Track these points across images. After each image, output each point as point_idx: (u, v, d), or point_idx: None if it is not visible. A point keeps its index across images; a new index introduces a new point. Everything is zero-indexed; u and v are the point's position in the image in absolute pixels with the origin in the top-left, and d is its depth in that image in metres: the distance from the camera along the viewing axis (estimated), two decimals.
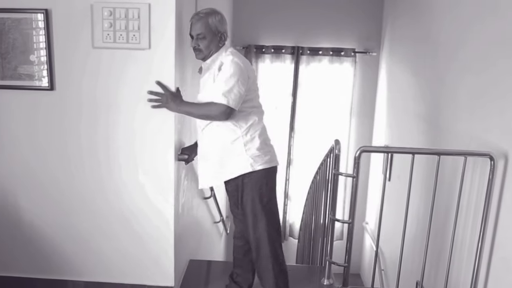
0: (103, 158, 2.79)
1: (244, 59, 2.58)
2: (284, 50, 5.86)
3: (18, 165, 2.84)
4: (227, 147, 2.57)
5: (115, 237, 2.89)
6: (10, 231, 2.93)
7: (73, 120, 2.75)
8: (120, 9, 2.60)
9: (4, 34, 2.67)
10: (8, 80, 2.72)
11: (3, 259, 2.98)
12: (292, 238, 6.37)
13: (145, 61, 2.65)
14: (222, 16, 2.58)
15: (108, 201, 2.84)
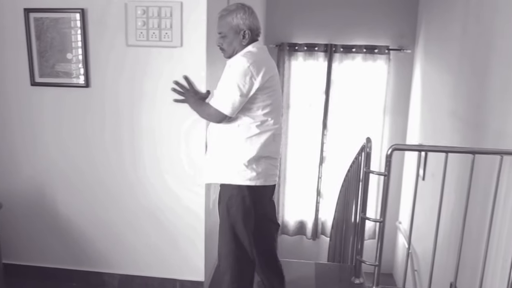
0: (135, 155, 2.85)
1: (259, 62, 2.27)
2: (317, 47, 5.82)
3: (55, 160, 2.93)
4: (225, 149, 2.38)
5: (144, 232, 2.95)
6: (48, 223, 3.03)
7: (107, 116, 2.82)
8: (153, 8, 2.65)
9: (42, 33, 2.75)
10: (46, 78, 2.81)
11: (42, 251, 3.08)
12: (324, 236, 6.33)
13: (177, 59, 2.69)
14: (247, 12, 2.34)
15: (137, 196, 2.91)
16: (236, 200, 2.33)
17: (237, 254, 2.38)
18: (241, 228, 2.35)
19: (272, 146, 2.37)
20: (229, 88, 2.26)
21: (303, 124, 6.10)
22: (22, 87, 2.84)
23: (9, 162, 2.98)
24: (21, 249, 3.10)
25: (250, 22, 2.33)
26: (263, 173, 2.34)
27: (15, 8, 2.73)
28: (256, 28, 2.38)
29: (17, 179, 2.99)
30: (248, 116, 2.31)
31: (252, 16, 2.34)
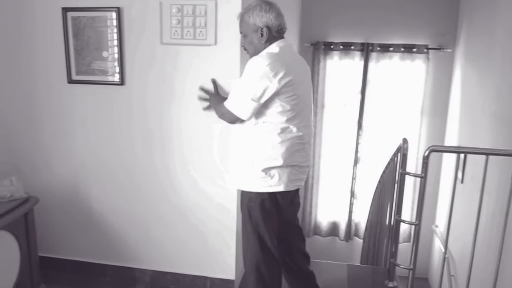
0: (165, 153, 2.87)
1: (278, 63, 2.11)
2: (353, 46, 5.73)
3: (90, 157, 2.98)
4: (246, 156, 2.27)
5: (175, 229, 2.97)
6: (82, 219, 3.08)
7: (141, 114, 2.85)
8: (188, 6, 2.65)
9: (80, 32, 2.80)
10: (82, 75, 2.85)
11: (76, 245, 3.15)
12: (357, 238, 6.24)
13: (211, 57, 2.69)
14: (263, 9, 2.19)
15: (167, 194, 2.93)
16: (255, 203, 2.25)
17: (261, 256, 2.31)
18: (263, 229, 2.28)
19: (297, 156, 2.24)
20: (242, 90, 2.17)
21: (337, 124, 6.02)
22: (59, 85, 2.90)
23: (46, 158, 3.05)
24: (56, 243, 3.17)
25: (268, 19, 2.19)
26: (284, 180, 2.23)
27: (54, 7, 2.79)
28: (276, 24, 2.21)
29: (54, 175, 3.06)
30: (268, 122, 2.18)
31: (270, 12, 2.19)
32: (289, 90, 2.13)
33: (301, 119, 2.21)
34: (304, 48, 5.82)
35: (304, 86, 2.26)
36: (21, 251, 2.65)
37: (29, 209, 2.66)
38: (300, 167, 2.28)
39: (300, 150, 2.25)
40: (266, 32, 2.20)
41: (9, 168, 3.03)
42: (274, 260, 2.34)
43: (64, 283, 3.05)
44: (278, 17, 2.22)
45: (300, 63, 2.31)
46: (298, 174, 2.28)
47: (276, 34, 2.24)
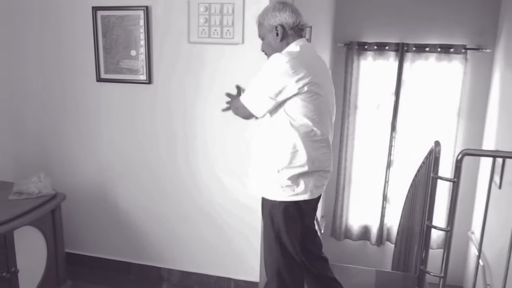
0: (191, 152, 2.86)
1: (299, 62, 2.02)
2: (388, 47, 5.61)
3: (117, 155, 3.00)
4: (268, 160, 2.17)
5: (200, 230, 2.96)
6: (108, 217, 3.11)
7: (167, 113, 2.84)
8: (216, 5, 2.63)
9: (109, 31, 2.82)
10: (111, 74, 2.88)
11: (102, 242, 3.18)
12: (389, 242, 6.10)
13: (238, 56, 2.66)
14: (277, 8, 2.14)
15: (192, 195, 2.92)
16: (278, 209, 2.17)
17: (283, 262, 2.23)
18: (285, 236, 2.19)
19: (322, 160, 2.15)
20: (259, 86, 2.08)
21: (370, 125, 5.91)
22: (88, 83, 2.93)
23: (74, 156, 3.09)
24: (83, 240, 3.21)
25: (281, 18, 2.12)
26: (309, 188, 2.13)
27: (84, 7, 2.82)
28: (291, 22, 2.13)
29: (81, 172, 3.10)
30: (291, 125, 2.06)
31: (283, 11, 2.13)
32: (310, 91, 2.03)
33: (324, 121, 2.14)
34: (337, 48, 5.74)
35: (326, 87, 2.18)
36: (48, 247, 2.69)
37: (56, 205, 2.69)
38: (324, 172, 2.20)
39: (325, 154, 2.17)
40: (281, 31, 2.13)
41: (38, 165, 3.08)
42: (296, 266, 2.27)
43: (89, 279, 3.08)
44: (292, 15, 2.15)
45: (321, 64, 2.22)
46: (322, 179, 2.20)
47: (292, 32, 2.16)
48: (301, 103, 2.04)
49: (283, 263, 2.22)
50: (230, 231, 2.87)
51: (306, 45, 2.17)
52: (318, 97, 2.07)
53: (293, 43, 2.14)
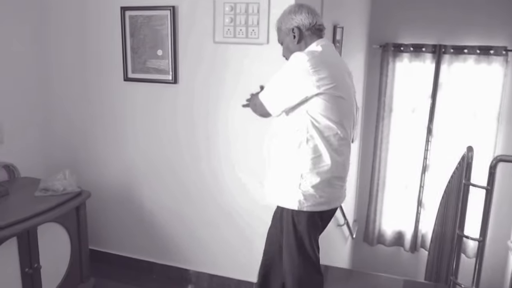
0: (213, 153, 2.84)
1: (320, 61, 1.95)
2: (425, 48, 5.45)
3: (142, 154, 3.01)
4: (287, 165, 2.09)
5: (221, 232, 2.93)
6: (132, 216, 3.13)
7: (191, 113, 2.83)
8: (241, 4, 2.60)
9: (136, 30, 2.83)
10: (138, 73, 2.89)
11: (126, 241, 3.21)
12: (423, 249, 5.93)
13: (262, 56, 2.62)
14: (293, 11, 2.11)
15: (214, 196, 2.90)
16: (303, 217, 2.07)
17: (304, 271, 2.16)
18: (308, 244, 2.11)
19: (341, 165, 2.06)
20: (278, 83, 2.04)
21: (405, 129, 5.75)
22: (116, 82, 2.95)
23: (100, 154, 3.13)
24: (107, 237, 3.24)
25: (298, 20, 2.08)
26: (328, 198, 2.05)
27: (113, 7, 2.84)
28: (307, 23, 2.08)
29: (107, 171, 3.13)
30: (314, 127, 1.98)
31: (299, 13, 2.09)
32: (332, 92, 1.95)
33: (346, 124, 2.06)
34: (372, 50, 5.62)
35: (348, 89, 2.10)
36: (71, 243, 2.72)
37: (81, 203, 2.71)
38: (342, 178, 2.11)
39: (343, 158, 2.07)
40: (297, 32, 2.09)
41: (67, 163, 3.13)
42: (316, 274, 2.21)
43: (113, 277, 3.11)
44: (308, 15, 2.09)
45: (342, 65, 2.15)
46: (340, 189, 2.12)
47: (309, 33, 2.10)
48: (324, 104, 1.96)
49: (305, 271, 2.16)
50: (251, 234, 2.83)
51: (327, 45, 2.11)
52: (340, 99, 1.99)
53: (313, 43, 2.09)
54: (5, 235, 2.27)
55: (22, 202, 2.56)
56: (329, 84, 1.94)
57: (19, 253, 2.39)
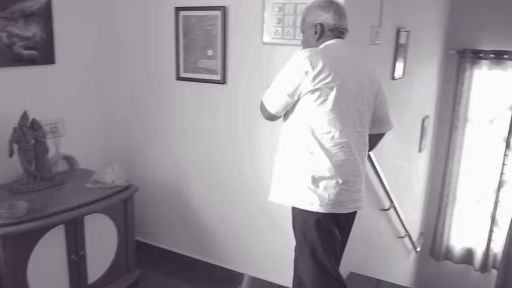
0: (256, 155, 2.82)
1: (319, 57, 1.92)
2: (507, 55, 5.07)
3: (191, 152, 3.07)
4: (288, 165, 2.08)
5: (265, 236, 2.91)
6: (181, 213, 3.19)
7: (238, 114, 2.84)
8: (289, 5, 2.57)
9: (189, 31, 2.89)
10: (189, 73, 2.95)
11: (172, 236, 3.29)
12: (495, 270, 5.54)
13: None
14: (320, 7, 2.06)
15: (258, 199, 2.86)
16: (310, 223, 2.01)
17: (320, 281, 2.08)
18: (320, 252, 2.03)
19: (342, 167, 1.97)
20: (277, 82, 2.03)
21: (482, 140, 5.40)
22: (169, 81, 3.04)
23: (152, 150, 3.23)
24: (154, 231, 3.35)
25: (323, 17, 2.05)
26: (331, 199, 1.96)
27: (168, 7, 2.92)
28: (331, 24, 2.05)
29: (157, 166, 3.23)
30: (307, 124, 1.97)
31: (327, 11, 2.05)
32: (327, 89, 1.92)
33: (345, 124, 1.97)
34: (449, 56, 5.32)
35: (352, 89, 2.00)
36: (118, 235, 2.82)
37: (129, 196, 2.81)
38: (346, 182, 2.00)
39: (346, 161, 1.98)
40: (320, 30, 2.07)
41: (122, 157, 3.28)
42: (335, 283, 2.10)
43: (158, 270, 3.19)
44: (335, 16, 2.05)
45: (350, 63, 2.06)
46: (346, 195, 2.00)
47: (330, 33, 2.07)
48: (316, 101, 1.93)
49: (321, 282, 2.07)
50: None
51: (335, 44, 2.07)
52: (338, 97, 1.93)
53: (324, 42, 2.07)
54: (53, 221, 2.41)
55: (73, 192, 2.70)
56: (324, 80, 1.90)
57: (66, 240, 2.53)
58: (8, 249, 2.26)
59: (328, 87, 1.92)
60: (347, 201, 2.02)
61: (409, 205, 4.85)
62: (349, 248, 3.09)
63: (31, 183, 2.64)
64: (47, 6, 2.79)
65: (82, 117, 3.14)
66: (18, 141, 2.56)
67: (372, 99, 2.13)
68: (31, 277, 2.39)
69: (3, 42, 2.62)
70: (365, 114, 2.08)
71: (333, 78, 1.92)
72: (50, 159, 2.85)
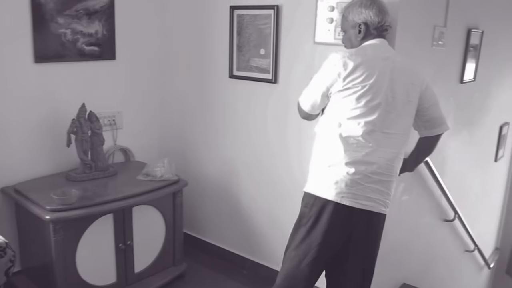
0: (305, 157, 2.71)
1: (352, 57, 1.94)
2: None
3: (241, 150, 3.08)
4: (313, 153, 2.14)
5: None
6: (230, 209, 3.22)
7: (288, 113, 2.79)
8: (342, 4, 2.48)
9: (243, 29, 2.90)
10: (241, 71, 2.96)
11: (219, 231, 3.33)
12: None
13: None
14: (363, 5, 2.03)
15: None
16: (310, 208, 2.04)
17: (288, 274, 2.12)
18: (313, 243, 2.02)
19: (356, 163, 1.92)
20: (312, 83, 2.08)
21: None
22: (222, 79, 3.06)
23: (204, 146, 3.28)
24: (202, 225, 3.41)
25: (367, 15, 2.02)
26: (341, 188, 1.93)
27: (223, 6, 2.95)
28: (376, 21, 2.02)
29: (208, 162, 3.28)
30: (332, 119, 1.99)
31: (370, 8, 2.01)
32: (355, 87, 1.92)
33: (368, 123, 1.93)
34: None
35: (384, 89, 1.94)
36: (166, 227, 2.90)
37: (177, 190, 2.88)
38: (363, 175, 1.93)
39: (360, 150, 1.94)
40: (364, 29, 2.04)
41: (175, 151, 3.37)
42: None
43: (204, 264, 3.25)
44: (379, 13, 2.02)
45: (388, 64, 1.97)
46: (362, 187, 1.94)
47: (375, 32, 2.05)
48: (344, 98, 1.95)
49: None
50: None
51: (374, 44, 2.03)
52: (363, 96, 1.92)
53: (366, 42, 2.03)
54: (102, 210, 2.53)
55: (125, 183, 2.81)
56: (356, 80, 1.92)
57: (114, 229, 2.64)
58: (58, 233, 2.40)
59: (357, 86, 1.92)
60: (357, 194, 1.95)
61: (482, 217, 4.54)
62: (403, 258, 2.96)
63: (86, 173, 2.78)
64: (109, 5, 2.93)
65: (139, 111, 3.26)
66: (76, 132, 2.71)
67: (415, 101, 2.05)
68: (80, 262, 2.52)
69: (67, 39, 2.78)
70: (399, 116, 2.00)
71: (364, 79, 1.92)
72: (106, 150, 3.00)
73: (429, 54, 2.79)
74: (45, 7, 2.65)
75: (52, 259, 2.43)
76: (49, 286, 2.52)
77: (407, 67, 2.05)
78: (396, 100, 1.97)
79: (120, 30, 3.01)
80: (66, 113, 2.77)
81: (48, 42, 2.71)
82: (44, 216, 2.35)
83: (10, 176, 2.69)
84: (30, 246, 2.70)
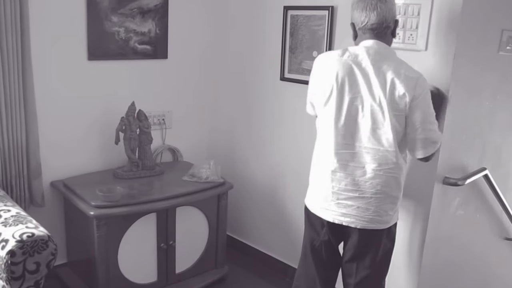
0: None
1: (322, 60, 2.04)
2: None
3: (289, 154, 3.00)
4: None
5: None
6: (275, 215, 3.15)
7: None
8: (400, 5, 2.36)
9: (296, 30, 2.82)
10: (293, 74, 2.88)
11: (264, 237, 3.26)
12: None
13: (418, 64, 2.33)
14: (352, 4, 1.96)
15: None
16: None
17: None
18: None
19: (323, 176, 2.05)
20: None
21: None
22: (273, 81, 2.99)
23: (252, 149, 3.23)
24: (246, 229, 3.36)
25: (353, 15, 1.96)
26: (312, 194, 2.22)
27: (277, 6, 2.88)
28: (360, 21, 1.91)
29: (255, 165, 3.22)
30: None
31: (355, 7, 1.92)
32: (319, 92, 2.02)
33: (329, 133, 1.97)
34: None
35: (351, 99, 1.89)
36: (209, 229, 2.88)
37: (222, 192, 2.84)
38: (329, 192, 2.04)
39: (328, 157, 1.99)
40: (352, 29, 2.00)
41: (220, 154, 3.36)
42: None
43: (246, 268, 3.20)
44: (362, 12, 1.89)
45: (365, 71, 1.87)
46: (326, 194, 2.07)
47: (360, 32, 1.94)
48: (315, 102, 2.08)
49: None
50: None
51: (359, 47, 1.92)
52: (324, 104, 1.97)
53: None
54: (145, 209, 2.54)
55: (170, 183, 2.81)
56: (317, 82, 2.04)
57: (157, 228, 2.64)
58: (102, 229, 2.43)
59: (321, 95, 1.98)
60: (325, 209, 2.11)
61: None
62: (455, 276, 2.78)
63: (133, 171, 2.80)
64: (163, 4, 2.94)
65: (189, 111, 3.26)
66: (124, 130, 2.73)
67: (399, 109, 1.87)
68: (122, 259, 2.54)
69: (120, 37, 2.81)
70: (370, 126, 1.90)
71: (327, 87, 1.94)
72: (154, 149, 3.01)
73: (495, 61, 2.60)
74: (100, 5, 2.69)
75: (94, 254, 2.47)
76: (91, 281, 2.56)
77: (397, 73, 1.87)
78: (369, 110, 1.90)
79: (172, 29, 3.01)
80: (116, 110, 2.80)
81: (102, 40, 2.75)
82: (88, 212, 2.38)
83: (60, 171, 2.75)
84: (75, 240, 2.76)
